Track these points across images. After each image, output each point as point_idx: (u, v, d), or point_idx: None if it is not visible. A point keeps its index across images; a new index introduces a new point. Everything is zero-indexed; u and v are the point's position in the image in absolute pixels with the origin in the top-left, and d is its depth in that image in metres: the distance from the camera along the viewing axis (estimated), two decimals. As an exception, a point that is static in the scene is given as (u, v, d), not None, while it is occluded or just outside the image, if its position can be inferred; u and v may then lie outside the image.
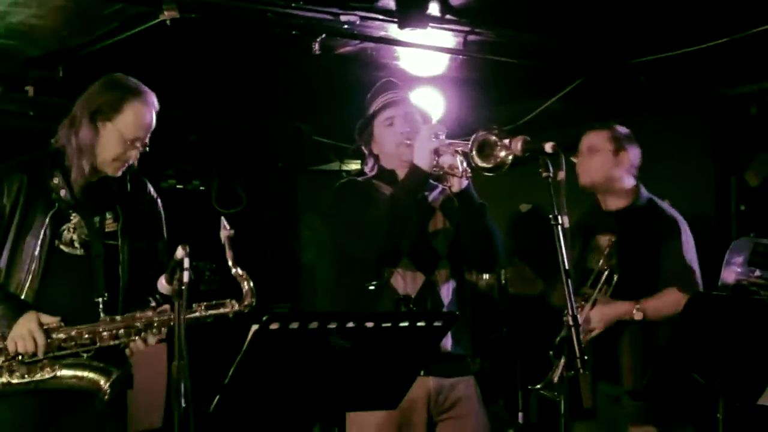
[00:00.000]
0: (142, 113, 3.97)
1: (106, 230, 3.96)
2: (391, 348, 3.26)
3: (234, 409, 3.12)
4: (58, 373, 3.75)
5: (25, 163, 3.95)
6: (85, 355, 3.78)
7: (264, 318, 2.95)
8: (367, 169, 4.46)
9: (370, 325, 3.14)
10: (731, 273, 5.10)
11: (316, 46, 5.53)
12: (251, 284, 3.78)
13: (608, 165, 4.96)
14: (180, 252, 3.32)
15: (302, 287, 9.47)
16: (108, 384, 3.76)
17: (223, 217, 3.64)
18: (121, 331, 3.81)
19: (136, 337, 3.83)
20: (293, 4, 5.15)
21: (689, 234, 4.95)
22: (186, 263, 3.30)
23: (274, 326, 2.97)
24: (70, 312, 3.80)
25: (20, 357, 3.72)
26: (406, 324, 3.24)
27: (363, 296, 4.15)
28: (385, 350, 3.25)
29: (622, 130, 5.04)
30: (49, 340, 3.72)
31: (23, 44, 5.73)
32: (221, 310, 3.86)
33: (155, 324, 3.85)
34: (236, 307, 3.84)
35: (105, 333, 3.79)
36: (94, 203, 3.96)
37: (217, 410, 3.11)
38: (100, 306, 3.85)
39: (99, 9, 5.16)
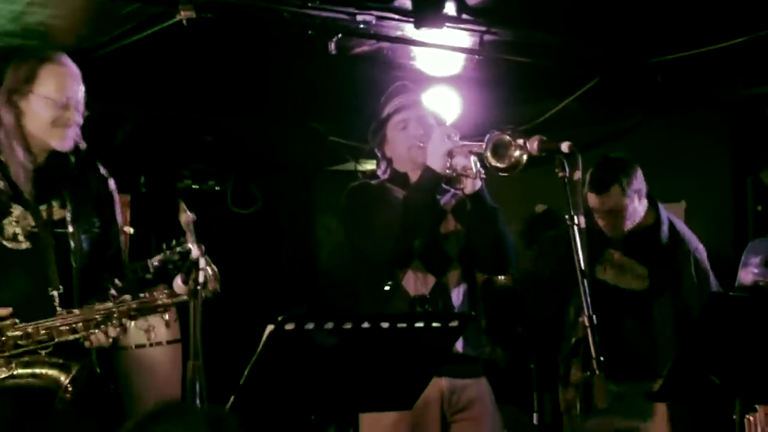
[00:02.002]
0: (60, 71, 3.85)
1: (54, 218, 3.82)
2: (407, 348, 3.26)
3: (249, 409, 3.12)
4: (15, 372, 3.62)
5: None
6: (43, 352, 3.65)
7: (279, 318, 2.95)
8: (379, 172, 4.47)
9: (385, 325, 3.14)
10: (748, 273, 5.10)
11: (332, 46, 5.52)
12: (215, 269, 3.60)
13: (629, 215, 4.98)
14: (195, 252, 3.31)
15: (319, 288, 9.48)
16: (68, 380, 3.61)
17: (181, 201, 3.55)
18: (80, 324, 3.67)
19: (96, 330, 3.68)
20: (309, 4, 5.14)
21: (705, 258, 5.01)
22: (202, 263, 3.28)
23: (289, 327, 2.97)
24: (24, 309, 3.66)
25: None
26: (421, 324, 3.24)
27: (377, 296, 4.16)
28: (400, 351, 3.25)
29: (635, 177, 5.04)
30: (3, 338, 3.61)
31: (40, 44, 5.73)
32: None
33: (115, 315, 3.71)
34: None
35: (63, 327, 3.65)
36: (37, 192, 3.81)
37: (232, 410, 3.11)
38: (56, 300, 3.70)
39: (116, 9, 5.16)
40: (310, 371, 3.14)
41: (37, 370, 3.64)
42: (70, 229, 3.85)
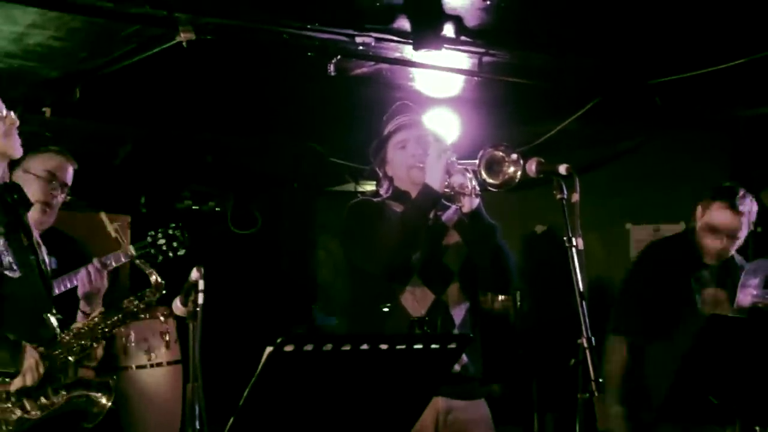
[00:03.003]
0: None
1: (24, 245, 3.78)
2: (405, 370, 3.26)
3: (248, 430, 3.12)
4: (65, 394, 3.62)
5: None
6: (61, 377, 3.65)
7: (278, 340, 2.95)
8: (381, 191, 4.48)
9: (384, 347, 3.14)
10: (747, 295, 5.09)
11: (332, 68, 5.55)
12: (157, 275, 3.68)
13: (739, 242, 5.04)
14: (195, 274, 3.32)
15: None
16: (110, 401, 3.67)
17: (102, 213, 3.56)
18: (85, 341, 3.73)
19: (97, 345, 3.77)
20: (308, 26, 5.17)
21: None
22: (201, 285, 3.29)
23: (288, 348, 2.97)
24: (30, 337, 3.64)
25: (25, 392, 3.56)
26: (420, 346, 3.24)
27: (375, 316, 4.15)
28: (398, 372, 3.24)
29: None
30: (51, 365, 3.60)
31: (41, 66, 5.76)
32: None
33: (104, 330, 3.79)
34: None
35: (75, 347, 3.70)
36: (7, 219, 3.75)
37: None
38: (54, 323, 3.73)
39: (116, 30, 5.18)
40: (309, 393, 3.13)
41: (83, 392, 3.66)
42: (41, 255, 3.84)
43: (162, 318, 6.14)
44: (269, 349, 2.95)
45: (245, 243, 8.90)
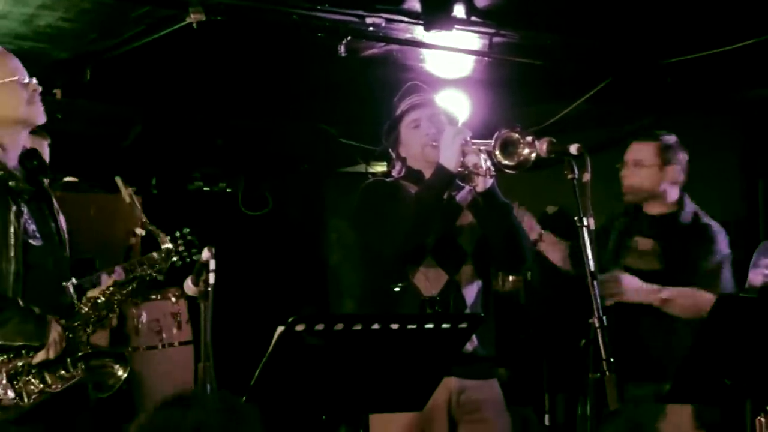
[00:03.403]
0: (2, 53, 3.78)
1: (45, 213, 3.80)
2: (417, 350, 3.26)
3: (260, 410, 3.13)
4: (84, 366, 3.65)
5: None
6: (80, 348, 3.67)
7: (290, 320, 2.96)
8: (394, 172, 4.47)
9: (395, 326, 3.14)
10: (758, 275, 5.07)
11: (342, 49, 5.54)
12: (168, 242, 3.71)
13: (654, 179, 4.92)
14: (206, 254, 3.32)
15: (329, 290, 9.50)
16: (126, 372, 3.73)
17: (118, 178, 3.57)
18: (102, 311, 3.75)
19: (113, 315, 3.77)
20: (318, 7, 5.16)
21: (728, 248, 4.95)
22: (212, 265, 3.30)
23: (299, 328, 2.98)
24: (50, 304, 3.67)
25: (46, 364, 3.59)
26: (431, 326, 3.25)
27: (387, 297, 4.15)
28: (410, 352, 3.25)
29: (670, 140, 4.98)
30: (72, 336, 3.64)
31: (51, 47, 5.76)
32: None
33: (119, 299, 3.80)
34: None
35: (92, 318, 3.72)
36: (29, 186, 3.75)
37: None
38: (72, 291, 3.76)
39: (126, 12, 5.18)
40: (321, 372, 3.14)
41: (95, 363, 3.73)
42: (60, 223, 3.85)
43: (173, 299, 6.16)
44: (280, 328, 2.97)
45: (256, 224, 8.91)
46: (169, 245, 3.90)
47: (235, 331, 6.72)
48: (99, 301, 3.78)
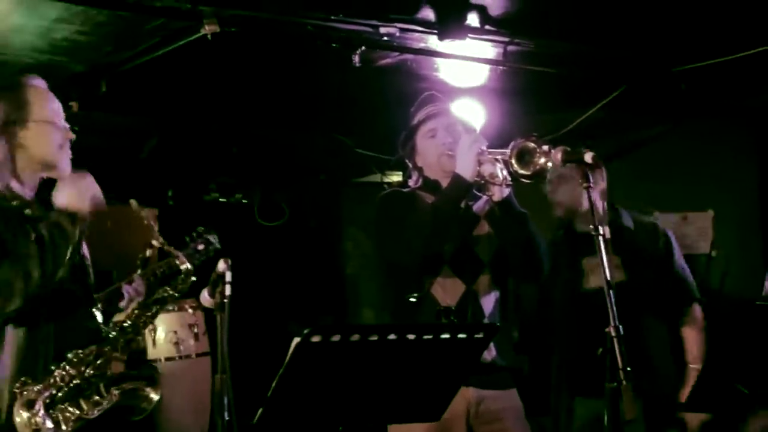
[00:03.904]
0: (47, 94, 3.73)
1: None
2: (433, 359, 3.26)
3: (277, 421, 3.13)
4: (118, 391, 3.62)
5: None
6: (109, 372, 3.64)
7: (306, 331, 2.96)
8: (411, 182, 4.48)
9: (411, 337, 3.14)
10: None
11: (356, 59, 5.54)
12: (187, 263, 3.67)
13: (576, 192, 4.80)
14: (222, 265, 3.32)
15: (346, 300, 9.49)
16: (158, 394, 3.71)
17: (132, 201, 3.56)
18: (129, 335, 3.72)
19: (139, 337, 3.81)
20: (333, 17, 5.17)
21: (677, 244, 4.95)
22: (228, 276, 3.30)
23: (315, 339, 2.98)
24: (82, 332, 3.66)
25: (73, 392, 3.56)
26: (446, 336, 3.24)
27: (405, 307, 4.15)
28: (426, 362, 3.25)
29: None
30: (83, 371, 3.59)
31: (68, 60, 5.78)
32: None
33: (145, 322, 3.78)
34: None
35: (121, 343, 3.69)
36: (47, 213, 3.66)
37: (260, 423, 3.12)
38: (99, 317, 3.71)
39: (141, 24, 5.20)
40: (337, 383, 3.14)
41: (128, 386, 3.67)
42: (82, 249, 3.78)
43: (190, 310, 6.16)
44: (297, 340, 2.97)
45: (272, 235, 8.92)
46: (188, 265, 3.83)
47: (253, 342, 6.72)
48: (125, 325, 3.75)
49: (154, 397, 3.71)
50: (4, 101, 3.62)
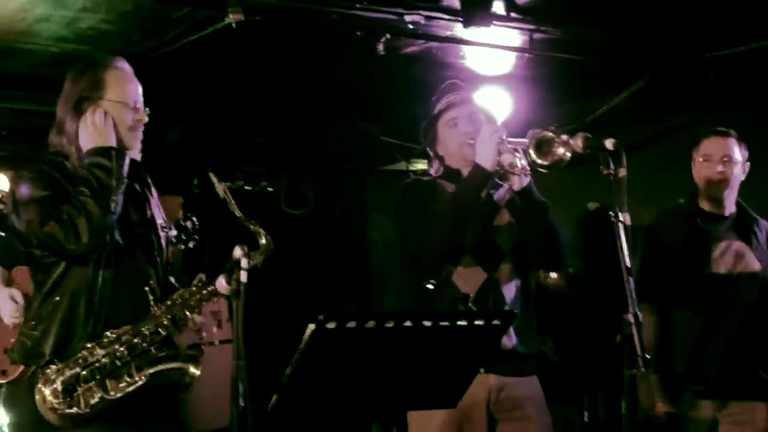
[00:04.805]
0: (125, 76, 3.79)
1: (133, 219, 3.80)
2: (450, 346, 3.26)
3: (292, 408, 3.14)
4: (149, 371, 3.61)
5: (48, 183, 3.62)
6: (152, 349, 3.65)
7: (321, 317, 2.96)
8: (432, 171, 4.48)
9: (427, 323, 3.14)
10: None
11: (381, 47, 5.54)
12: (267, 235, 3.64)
13: (739, 176, 4.96)
14: (238, 251, 3.31)
15: (371, 288, 9.50)
16: (199, 369, 3.72)
17: (212, 174, 3.57)
18: (177, 313, 3.74)
19: (192, 315, 3.78)
20: (357, 5, 5.17)
21: None
22: (244, 263, 3.29)
23: (331, 325, 2.98)
24: (129, 307, 3.68)
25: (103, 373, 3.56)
26: (464, 323, 3.24)
27: (424, 295, 4.15)
28: (443, 349, 3.25)
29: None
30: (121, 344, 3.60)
31: (93, 49, 5.80)
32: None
33: (199, 300, 3.81)
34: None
35: (166, 321, 3.70)
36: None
37: (275, 409, 3.12)
38: (150, 296, 3.72)
39: (166, 13, 5.22)
40: (352, 370, 3.14)
41: (168, 366, 3.68)
42: (159, 229, 3.86)
43: (214, 297, 6.17)
44: (311, 326, 2.97)
45: (297, 223, 8.93)
46: (264, 240, 3.78)
47: (278, 330, 6.74)
48: (176, 303, 3.76)
49: (195, 371, 3.71)
50: (83, 80, 3.72)
